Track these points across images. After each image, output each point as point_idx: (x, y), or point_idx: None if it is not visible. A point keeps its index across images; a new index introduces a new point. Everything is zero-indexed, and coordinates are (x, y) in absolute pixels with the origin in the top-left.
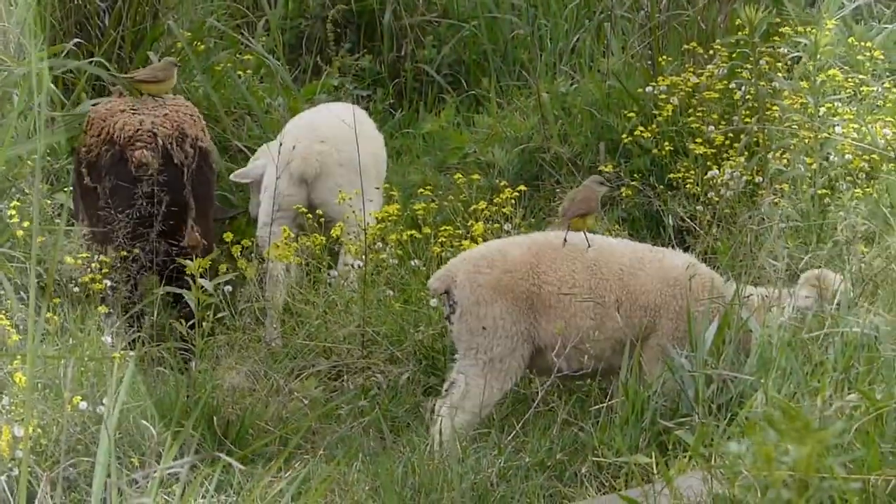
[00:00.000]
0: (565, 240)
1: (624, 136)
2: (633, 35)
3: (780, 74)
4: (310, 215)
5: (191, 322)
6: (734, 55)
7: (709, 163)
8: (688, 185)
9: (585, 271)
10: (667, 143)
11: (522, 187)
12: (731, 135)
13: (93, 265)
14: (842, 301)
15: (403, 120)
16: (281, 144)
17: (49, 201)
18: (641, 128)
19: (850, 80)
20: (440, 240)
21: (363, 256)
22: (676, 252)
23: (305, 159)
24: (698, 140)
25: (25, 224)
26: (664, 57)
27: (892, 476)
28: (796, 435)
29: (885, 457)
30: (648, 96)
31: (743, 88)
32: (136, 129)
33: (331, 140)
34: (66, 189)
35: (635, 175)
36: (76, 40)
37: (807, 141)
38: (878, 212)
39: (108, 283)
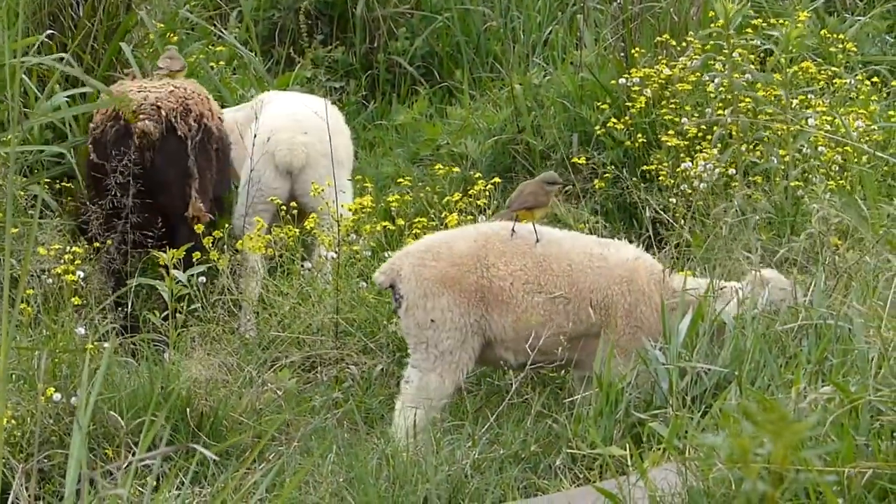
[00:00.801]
0: (513, 230)
1: (597, 127)
2: (606, 27)
3: (753, 66)
4: (284, 207)
5: (165, 313)
6: (707, 47)
7: (682, 155)
8: (661, 177)
9: (536, 267)
10: (640, 135)
11: (496, 179)
12: (704, 127)
13: (66, 256)
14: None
15: (376, 112)
16: (255, 136)
17: (23, 192)
18: (614, 120)
19: (822, 72)
20: (414, 231)
21: (337, 248)
22: (623, 245)
23: (291, 150)
24: (671, 132)
25: None
26: (637, 49)
27: (867, 468)
28: (772, 427)
29: (860, 449)
30: (621, 88)
31: (716, 80)
32: (140, 103)
33: (313, 131)
34: (40, 181)
35: (608, 167)
36: (49, 32)
37: (780, 133)
38: (851, 204)
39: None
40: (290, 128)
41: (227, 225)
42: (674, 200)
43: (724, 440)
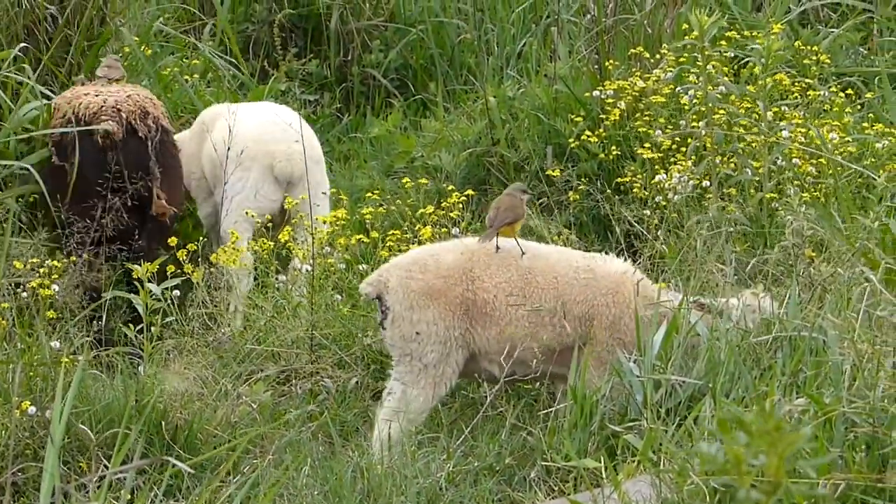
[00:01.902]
0: (497, 246)
1: (571, 140)
2: (580, 39)
3: (727, 78)
4: (259, 220)
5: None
6: (681, 59)
7: (656, 167)
8: (635, 190)
9: (521, 280)
10: (614, 148)
11: (470, 191)
12: (678, 139)
13: (42, 270)
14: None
15: (351, 124)
16: (229, 149)
17: None
18: (588, 132)
19: (797, 84)
20: (388, 244)
21: (312, 261)
22: (611, 259)
23: (290, 160)
24: (646, 144)
25: None
26: (611, 61)
27: (841, 480)
28: (768, 438)
29: (834, 461)
30: (595, 100)
31: (690, 93)
32: (100, 105)
33: (302, 139)
34: (12, 196)
35: (583, 179)
36: (23, 45)
37: (754, 145)
38: (825, 216)
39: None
40: (283, 139)
41: (200, 238)
42: (648, 213)
43: (717, 450)
